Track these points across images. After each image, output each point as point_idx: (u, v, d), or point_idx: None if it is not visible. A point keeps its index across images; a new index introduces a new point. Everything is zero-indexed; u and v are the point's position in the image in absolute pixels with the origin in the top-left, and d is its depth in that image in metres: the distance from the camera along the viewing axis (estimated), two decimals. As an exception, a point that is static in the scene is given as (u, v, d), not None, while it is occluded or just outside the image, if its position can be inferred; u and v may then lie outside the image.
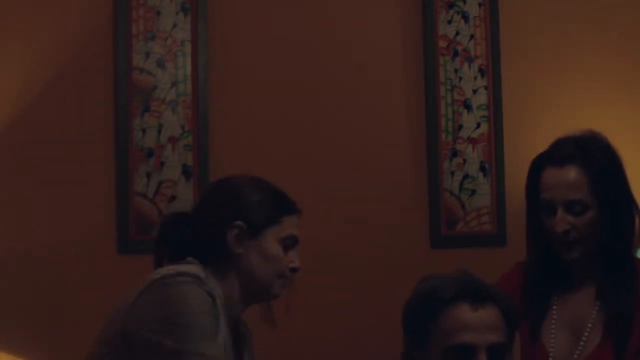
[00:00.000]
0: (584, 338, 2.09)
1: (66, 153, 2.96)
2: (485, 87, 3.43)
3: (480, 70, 3.42)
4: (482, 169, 3.41)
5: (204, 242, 2.00)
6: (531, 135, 3.50)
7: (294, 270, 2.03)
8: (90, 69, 3.01)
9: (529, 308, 2.14)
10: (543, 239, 2.14)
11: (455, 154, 3.38)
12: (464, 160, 3.39)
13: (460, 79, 3.40)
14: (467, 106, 3.40)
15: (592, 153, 2.11)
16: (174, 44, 3.08)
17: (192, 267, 1.93)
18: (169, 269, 1.92)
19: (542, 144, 3.47)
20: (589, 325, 2.10)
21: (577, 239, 2.08)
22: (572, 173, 2.08)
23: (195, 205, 2.16)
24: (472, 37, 3.42)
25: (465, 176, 3.39)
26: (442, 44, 3.39)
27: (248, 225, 1.99)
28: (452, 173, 3.38)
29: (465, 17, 3.42)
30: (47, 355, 2.87)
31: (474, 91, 3.41)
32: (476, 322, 1.73)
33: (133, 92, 3.02)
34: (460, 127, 3.39)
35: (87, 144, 2.99)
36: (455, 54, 3.40)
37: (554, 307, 2.15)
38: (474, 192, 3.39)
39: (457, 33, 3.41)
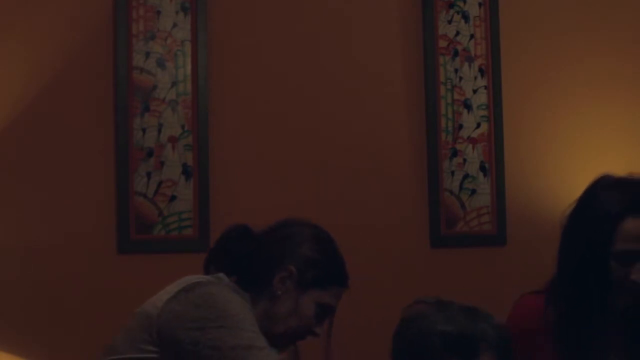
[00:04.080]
0: None
1: (66, 153, 2.96)
2: (485, 87, 3.43)
3: (480, 70, 3.42)
4: (482, 168, 3.41)
5: (256, 267, 2.02)
6: (531, 135, 3.50)
7: (313, 334, 2.04)
8: (90, 68, 3.01)
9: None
10: (600, 287, 2.12)
11: (455, 153, 3.38)
12: (464, 160, 3.39)
13: (460, 78, 3.40)
14: (467, 106, 3.40)
15: None
16: (174, 44, 3.08)
17: (226, 281, 1.97)
18: (203, 277, 1.95)
19: (542, 144, 3.50)
20: None
21: None
22: None
23: (265, 229, 2.12)
24: (472, 37, 3.42)
25: (465, 176, 3.39)
26: (442, 44, 3.39)
27: (299, 275, 2.00)
28: (452, 173, 3.38)
29: (465, 17, 3.42)
30: (47, 355, 2.87)
31: (474, 91, 3.41)
32: None
33: (133, 92, 3.02)
34: (460, 127, 3.39)
35: (87, 144, 2.99)
36: (455, 54, 3.40)
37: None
38: (474, 192, 3.39)
39: (457, 33, 3.41)
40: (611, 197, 2.12)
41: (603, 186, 2.15)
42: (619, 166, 2.23)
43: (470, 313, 1.73)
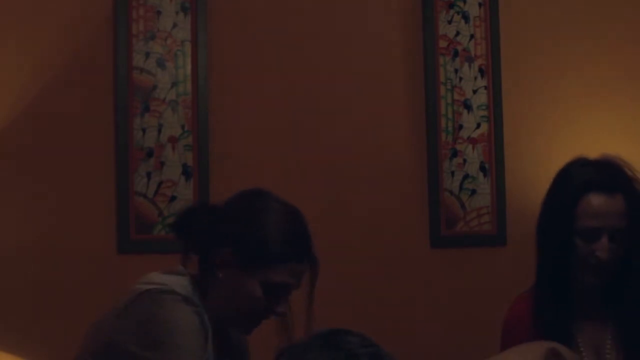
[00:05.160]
0: None
1: (66, 153, 2.96)
2: (485, 87, 3.43)
3: (480, 70, 3.42)
4: (482, 169, 3.41)
5: (205, 248, 1.94)
6: (531, 135, 3.50)
7: (275, 314, 1.92)
8: (90, 69, 3.01)
9: (552, 339, 2.11)
10: (565, 263, 2.13)
11: (455, 154, 3.38)
12: (464, 160, 3.39)
13: (460, 79, 3.40)
14: (467, 106, 3.40)
15: (632, 182, 2.11)
16: (174, 44, 3.08)
17: (181, 281, 1.89)
18: (156, 283, 1.88)
19: (542, 144, 3.50)
20: (607, 349, 2.10)
21: (604, 266, 2.08)
22: (618, 201, 2.08)
23: (223, 204, 2.01)
24: (472, 37, 3.42)
25: (465, 176, 3.39)
26: (442, 44, 3.39)
27: (235, 256, 1.89)
28: (452, 173, 3.38)
29: (465, 17, 3.42)
30: (47, 355, 2.87)
31: (474, 91, 3.41)
32: None
33: (133, 92, 3.02)
34: (460, 127, 3.39)
35: (87, 144, 2.99)
36: (455, 54, 3.40)
37: (577, 335, 2.14)
38: (474, 192, 3.39)
39: (457, 33, 3.41)
40: (577, 175, 2.14)
41: (574, 165, 2.18)
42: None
43: (326, 344, 1.59)
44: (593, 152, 3.53)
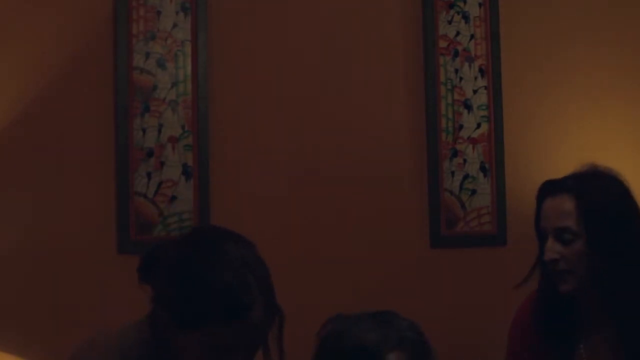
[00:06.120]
0: None
1: (66, 153, 2.96)
2: (485, 87, 3.43)
3: (481, 70, 3.42)
4: (482, 169, 3.41)
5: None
6: (531, 135, 3.50)
7: None
8: (90, 68, 3.01)
9: (555, 353, 2.11)
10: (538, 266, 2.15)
11: (455, 154, 3.38)
12: (464, 160, 3.39)
13: (461, 79, 3.40)
14: (467, 106, 3.41)
15: (587, 184, 2.11)
16: (174, 44, 3.08)
17: (130, 332, 1.79)
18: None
19: (542, 144, 3.50)
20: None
21: (567, 270, 2.07)
22: (563, 201, 2.10)
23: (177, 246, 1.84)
24: (472, 37, 3.42)
25: (465, 176, 3.39)
26: (442, 44, 3.39)
27: (165, 316, 1.75)
28: (452, 173, 3.38)
29: (466, 17, 3.42)
30: (47, 355, 2.87)
31: (474, 91, 3.41)
32: None
33: (133, 92, 3.02)
34: (460, 127, 3.39)
35: (87, 144, 2.99)
36: (456, 54, 3.40)
37: (580, 344, 2.13)
38: (474, 192, 3.40)
39: (457, 33, 3.41)
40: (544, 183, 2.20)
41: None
42: (619, 166, 2.23)
43: (377, 320, 1.66)
44: (593, 151, 3.54)
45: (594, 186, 2.10)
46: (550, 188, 2.15)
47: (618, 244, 2.06)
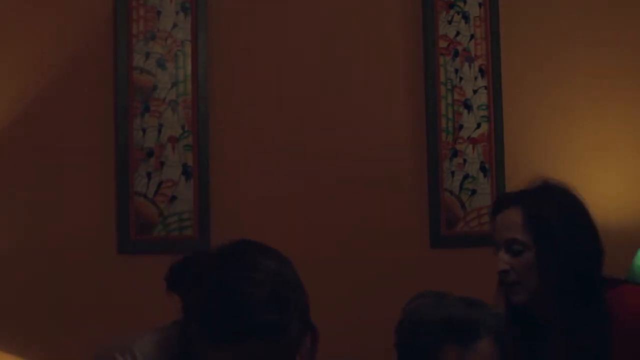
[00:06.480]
0: None
1: (66, 153, 2.96)
2: (485, 87, 3.42)
3: (481, 70, 3.42)
4: (482, 169, 3.41)
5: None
6: (531, 135, 3.50)
7: None
8: (90, 68, 3.01)
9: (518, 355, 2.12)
10: None
11: (455, 154, 3.38)
12: (464, 160, 3.39)
13: (461, 79, 3.40)
14: (467, 106, 3.40)
15: (534, 196, 2.15)
16: (174, 44, 3.08)
17: (151, 338, 1.75)
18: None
19: (542, 144, 3.50)
20: None
21: (517, 282, 2.12)
22: (511, 214, 2.14)
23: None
24: (472, 37, 3.42)
25: (465, 176, 3.39)
26: (442, 44, 3.39)
27: (193, 327, 1.66)
28: (452, 173, 3.38)
29: (466, 17, 3.42)
30: (47, 355, 2.87)
31: (474, 91, 3.41)
32: None
33: (133, 92, 3.02)
34: (460, 127, 3.39)
35: (87, 144, 2.99)
36: (456, 54, 3.40)
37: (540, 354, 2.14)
38: (474, 192, 3.39)
39: (457, 33, 3.41)
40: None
41: None
42: (618, 166, 2.24)
43: (469, 302, 1.76)
44: (593, 151, 3.54)
45: (541, 199, 2.15)
46: (501, 202, 2.21)
47: (565, 255, 2.09)
